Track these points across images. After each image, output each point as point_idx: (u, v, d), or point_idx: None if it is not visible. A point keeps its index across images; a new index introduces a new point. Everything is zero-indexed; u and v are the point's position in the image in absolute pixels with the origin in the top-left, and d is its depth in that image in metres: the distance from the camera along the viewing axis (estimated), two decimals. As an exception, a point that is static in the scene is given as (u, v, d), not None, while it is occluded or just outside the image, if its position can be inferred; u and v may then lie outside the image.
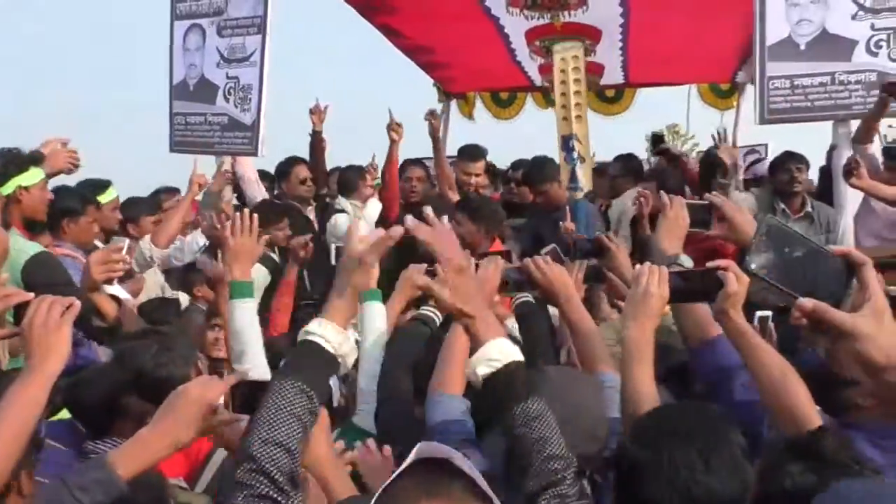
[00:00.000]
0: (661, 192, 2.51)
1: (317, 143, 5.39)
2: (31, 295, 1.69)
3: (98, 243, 3.93)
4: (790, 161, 4.38)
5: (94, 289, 2.65)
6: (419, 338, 2.41)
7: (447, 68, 7.06)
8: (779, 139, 5.40)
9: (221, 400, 1.57)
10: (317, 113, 5.34)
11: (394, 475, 1.00)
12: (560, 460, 1.32)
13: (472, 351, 1.44)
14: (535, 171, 4.76)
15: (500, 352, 1.39)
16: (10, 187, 2.99)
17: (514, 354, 1.41)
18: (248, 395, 1.74)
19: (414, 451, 1.03)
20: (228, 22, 4.68)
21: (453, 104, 7.69)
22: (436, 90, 7.63)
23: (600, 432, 1.72)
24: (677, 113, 6.69)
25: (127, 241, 4.06)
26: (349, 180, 5.39)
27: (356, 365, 2.53)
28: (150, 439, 1.50)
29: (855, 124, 3.75)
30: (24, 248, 2.89)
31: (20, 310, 1.65)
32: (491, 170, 5.80)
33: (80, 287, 2.75)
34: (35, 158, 3.23)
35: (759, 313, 2.67)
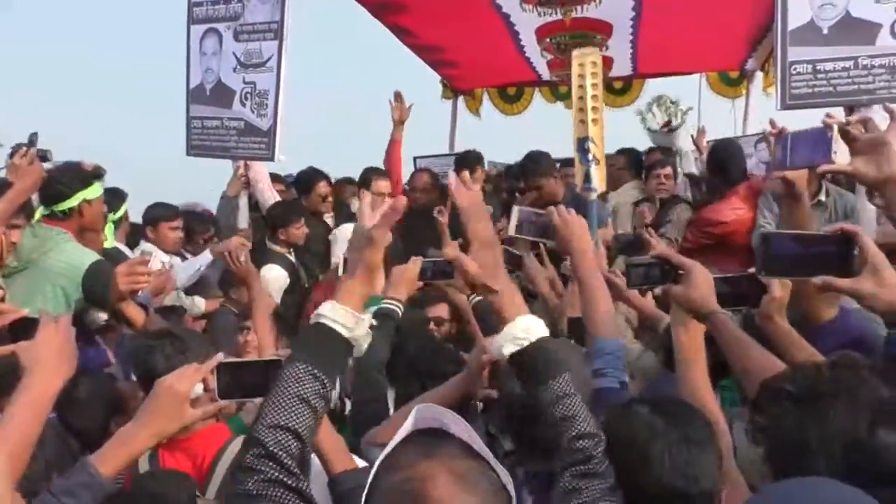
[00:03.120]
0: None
1: None
2: (26, 311, 1.74)
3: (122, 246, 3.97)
4: None
5: (121, 299, 2.71)
6: (388, 334, 2.44)
7: (455, 66, 7.08)
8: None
9: (200, 388, 1.55)
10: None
11: (393, 443, 1.07)
12: (589, 438, 1.33)
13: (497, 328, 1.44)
14: (530, 164, 4.76)
15: (527, 329, 1.39)
16: (75, 200, 3.12)
17: (541, 331, 1.40)
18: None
19: (412, 415, 1.09)
20: (245, 27, 4.69)
21: (461, 101, 7.73)
22: (441, 87, 7.67)
23: (584, 393, 1.75)
24: (686, 102, 6.66)
25: (154, 250, 4.09)
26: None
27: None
28: (129, 435, 1.53)
29: (878, 109, 3.77)
30: (83, 255, 3.04)
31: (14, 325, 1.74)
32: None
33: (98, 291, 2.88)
34: (97, 174, 3.39)
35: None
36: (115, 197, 4.01)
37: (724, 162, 4.55)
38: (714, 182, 4.61)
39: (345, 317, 1.34)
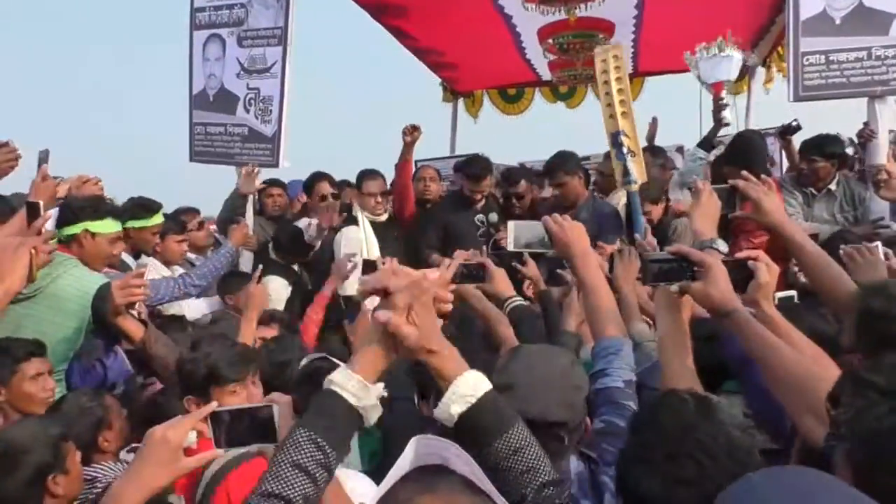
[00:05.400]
0: (695, 178, 2.60)
1: None
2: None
3: (126, 257, 3.92)
4: (810, 153, 4.37)
5: (117, 313, 2.66)
6: None
7: (455, 69, 7.06)
8: (804, 118, 5.35)
9: (194, 436, 1.50)
10: None
11: (392, 479, 1.04)
12: (553, 486, 1.28)
13: (440, 390, 1.34)
14: (556, 162, 4.69)
15: (473, 386, 1.30)
16: (77, 228, 3.02)
17: (485, 385, 1.32)
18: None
19: (411, 449, 1.05)
20: (249, 32, 4.65)
21: (460, 103, 7.71)
22: (441, 89, 7.64)
23: (575, 401, 1.72)
24: (687, 100, 6.64)
25: (150, 262, 4.04)
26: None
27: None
28: (121, 492, 1.48)
29: (892, 100, 3.75)
30: (92, 280, 2.94)
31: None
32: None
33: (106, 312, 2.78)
34: (116, 212, 3.28)
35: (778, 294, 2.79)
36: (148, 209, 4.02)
37: (748, 154, 4.46)
38: (735, 174, 4.51)
39: (356, 386, 1.28)
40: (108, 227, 3.13)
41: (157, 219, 4.03)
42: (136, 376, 3.29)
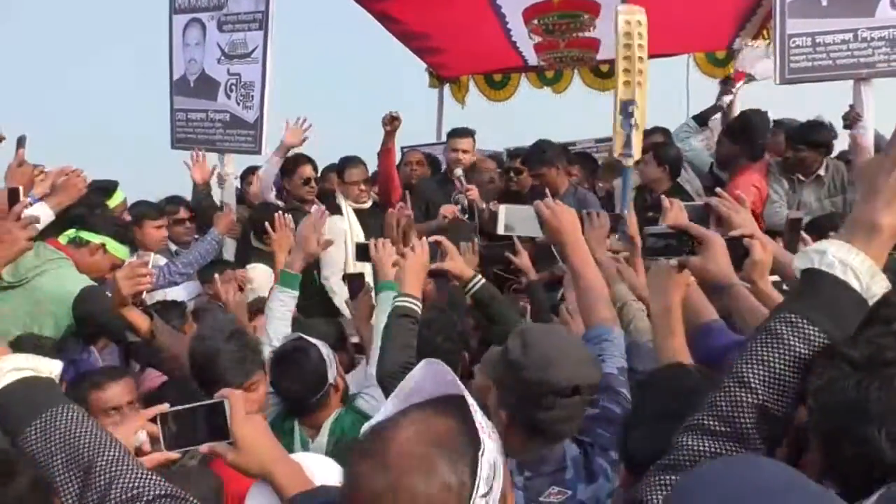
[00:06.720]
0: (662, 196, 2.54)
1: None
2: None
3: None
4: (795, 142, 4.33)
5: (123, 304, 2.62)
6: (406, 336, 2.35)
7: (442, 53, 6.99)
8: (777, 106, 5.36)
9: (143, 435, 1.45)
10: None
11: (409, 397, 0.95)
12: None
13: None
14: (534, 154, 4.67)
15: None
16: (97, 239, 3.05)
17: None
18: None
19: (419, 374, 0.94)
20: (229, 17, 4.58)
21: (446, 89, 7.64)
22: (428, 76, 7.58)
23: (598, 362, 1.74)
24: (674, 83, 6.61)
25: (152, 254, 3.98)
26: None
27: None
28: None
29: (878, 83, 3.73)
30: (77, 281, 2.91)
31: None
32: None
33: (111, 304, 2.75)
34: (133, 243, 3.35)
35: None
36: (105, 190, 3.90)
37: (751, 133, 4.43)
38: (734, 150, 4.50)
39: (43, 364, 1.35)
40: (123, 253, 3.16)
41: (118, 196, 3.94)
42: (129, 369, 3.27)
